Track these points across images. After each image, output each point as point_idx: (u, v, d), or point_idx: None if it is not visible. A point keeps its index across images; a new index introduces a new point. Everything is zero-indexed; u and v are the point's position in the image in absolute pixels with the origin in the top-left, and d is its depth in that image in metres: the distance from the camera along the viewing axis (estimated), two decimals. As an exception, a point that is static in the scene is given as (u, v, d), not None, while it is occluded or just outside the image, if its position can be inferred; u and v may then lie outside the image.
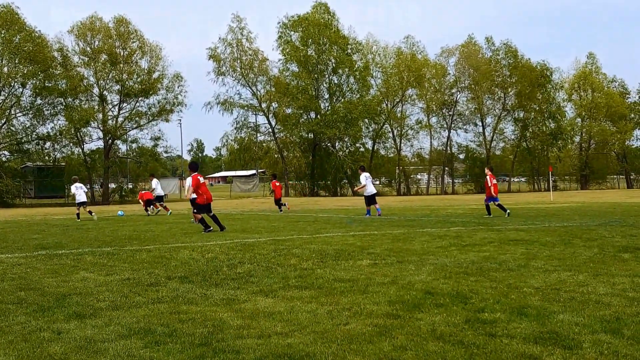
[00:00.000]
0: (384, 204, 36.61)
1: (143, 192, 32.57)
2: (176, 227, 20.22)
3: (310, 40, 64.14)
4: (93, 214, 27.27)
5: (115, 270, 10.22)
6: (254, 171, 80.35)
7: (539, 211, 25.99)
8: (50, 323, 6.50)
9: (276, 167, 69.21)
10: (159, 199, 30.47)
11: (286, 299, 7.58)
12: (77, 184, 27.87)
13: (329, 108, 66.54)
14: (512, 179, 78.28)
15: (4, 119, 53.88)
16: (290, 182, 67.48)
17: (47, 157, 58.17)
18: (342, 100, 67.02)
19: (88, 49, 58.32)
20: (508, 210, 22.22)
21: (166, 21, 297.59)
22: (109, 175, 60.16)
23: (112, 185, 60.96)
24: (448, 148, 73.06)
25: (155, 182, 30.53)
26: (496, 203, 22.56)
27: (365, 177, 24.93)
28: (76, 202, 27.44)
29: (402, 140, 70.78)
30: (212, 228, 17.75)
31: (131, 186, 60.31)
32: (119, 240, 15.60)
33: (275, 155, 68.70)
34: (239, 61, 64.26)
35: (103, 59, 58.26)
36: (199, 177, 18.59)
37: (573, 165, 78.80)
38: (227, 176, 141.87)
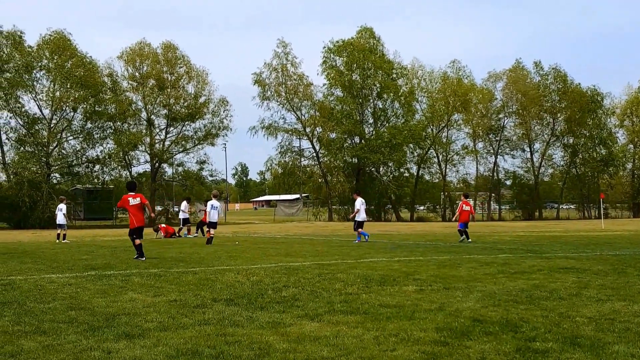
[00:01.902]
0: (429, 230, 36.34)
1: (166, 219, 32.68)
2: (221, 250, 20.34)
3: (355, 65, 64.36)
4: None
5: (163, 291, 10.31)
6: (297, 195, 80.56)
7: (589, 239, 25.47)
8: (100, 342, 6.58)
9: (320, 191, 69.32)
10: (185, 221, 30.61)
11: (332, 323, 7.55)
12: (61, 205, 28.48)
13: (373, 133, 66.50)
14: (561, 206, 76.93)
15: (56, 142, 55.10)
16: (334, 206, 67.43)
17: (96, 180, 59.14)
18: (387, 125, 66.93)
19: (137, 74, 59.53)
20: (470, 240, 23.64)
21: (212, 46, 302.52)
22: (155, 198, 60.95)
23: (159, 208, 61.73)
24: (494, 174, 72.26)
25: (184, 206, 30.69)
26: (461, 228, 23.98)
27: (360, 203, 25.12)
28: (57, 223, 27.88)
29: (448, 166, 70.33)
30: (144, 258, 16.58)
31: (177, 209, 60.99)
32: (166, 262, 15.75)
33: (319, 180, 68.82)
34: (283, 86, 64.81)
35: (151, 84, 59.37)
36: (129, 197, 17.25)
37: (625, 193, 76.94)
38: (271, 200, 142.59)
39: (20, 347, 6.39)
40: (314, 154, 67.85)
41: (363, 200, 25.62)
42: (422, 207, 72.52)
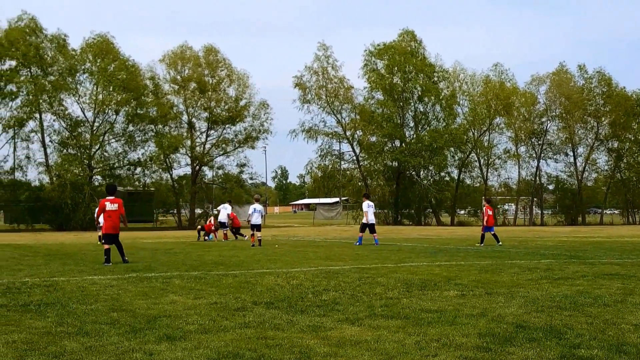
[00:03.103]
0: (470, 235, 35.97)
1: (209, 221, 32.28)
2: (261, 253, 20.39)
3: (396, 68, 64.16)
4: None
5: (203, 294, 10.34)
6: (337, 199, 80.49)
7: (634, 245, 24.92)
8: (142, 344, 6.61)
9: (360, 194, 69.11)
10: (222, 225, 30.53)
11: (372, 327, 7.49)
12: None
13: (414, 136, 66.18)
14: (604, 211, 75.50)
15: (98, 145, 55.99)
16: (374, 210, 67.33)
17: (137, 183, 59.92)
18: (428, 128, 66.55)
19: (178, 77, 60.18)
20: (482, 245, 23.87)
21: (253, 49, 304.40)
22: (195, 201, 61.52)
23: (199, 211, 62.25)
24: (537, 178, 71.25)
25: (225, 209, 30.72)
26: (492, 232, 24.38)
27: (367, 205, 25.32)
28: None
29: (489, 170, 69.60)
30: (110, 263, 16.04)
31: (217, 212, 61.54)
32: (206, 265, 15.83)
33: (359, 183, 68.70)
34: (324, 89, 64.89)
35: (192, 87, 59.96)
36: (106, 202, 16.63)
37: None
38: (310, 203, 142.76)
39: (64, 347, 6.46)
40: (354, 158, 67.79)
41: (371, 203, 25.97)
42: (462, 212, 71.84)
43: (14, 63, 53.60)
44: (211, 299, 9.79)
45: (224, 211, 30.76)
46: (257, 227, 24.86)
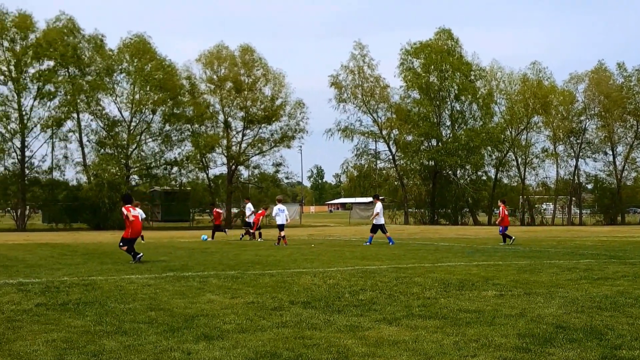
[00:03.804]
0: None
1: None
2: (297, 253, 20.39)
3: (432, 66, 63.75)
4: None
5: (240, 293, 10.35)
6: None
7: (676, 245, 24.39)
8: (180, 343, 6.62)
9: (396, 194, 68.92)
10: (249, 224, 30.39)
11: (410, 327, 7.43)
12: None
13: (451, 135, 65.72)
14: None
15: (135, 145, 56.59)
16: (410, 209, 66.93)
17: (173, 182, 60.43)
18: (464, 127, 66.03)
19: (214, 77, 60.57)
20: (504, 243, 24.57)
21: (289, 49, 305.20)
22: (231, 200, 61.83)
23: (234, 210, 62.57)
24: (575, 177, 70.18)
25: (249, 207, 30.55)
26: (503, 232, 25.27)
27: (381, 207, 25.89)
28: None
29: (527, 169, 68.74)
30: (142, 254, 16.80)
31: (249, 212, 61.73)
32: (242, 264, 15.86)
33: (395, 183, 68.46)
34: (360, 88, 64.74)
35: (228, 86, 60.27)
36: (130, 207, 17.46)
37: None
38: (346, 203, 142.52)
39: (103, 346, 6.49)
40: (390, 157, 67.54)
41: (381, 205, 26.49)
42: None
43: (52, 63, 54.47)
44: (248, 298, 9.79)
45: (249, 211, 30.68)
46: (281, 227, 25.98)
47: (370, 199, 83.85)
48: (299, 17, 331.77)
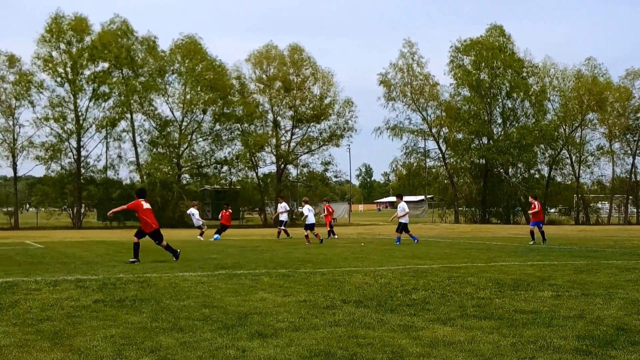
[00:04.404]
0: (562, 234, 34.96)
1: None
2: (348, 251, 20.37)
3: (483, 63, 62.89)
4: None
5: (292, 291, 10.38)
6: (422, 197, 79.74)
7: None
8: (235, 341, 6.66)
9: (445, 192, 68.29)
10: (282, 223, 29.97)
11: (465, 328, 7.33)
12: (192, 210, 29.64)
13: (502, 133, 64.77)
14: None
15: (186, 144, 57.30)
16: (460, 208, 66.26)
17: (223, 181, 60.97)
18: (516, 125, 64.98)
19: (264, 76, 60.91)
20: (534, 242, 24.25)
21: (337, 47, 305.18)
22: (283, 199, 62.00)
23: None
24: (632, 175, 68.46)
25: (282, 207, 30.26)
26: (533, 227, 24.91)
27: (404, 207, 25.82)
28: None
29: (581, 167, 67.30)
30: (139, 260, 16.16)
31: (300, 209, 61.87)
32: (293, 263, 15.90)
33: (445, 181, 67.85)
34: (409, 86, 64.28)
35: (277, 85, 60.54)
36: (143, 201, 17.10)
37: None
38: (395, 201, 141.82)
39: (159, 343, 6.57)
40: (440, 155, 66.93)
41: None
42: (553, 210, 69.80)
43: (106, 65, 55.59)
44: (300, 296, 9.80)
45: (282, 209, 30.16)
46: (311, 227, 26.20)
47: (420, 197, 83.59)
48: (346, 15, 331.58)
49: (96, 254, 19.38)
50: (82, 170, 56.02)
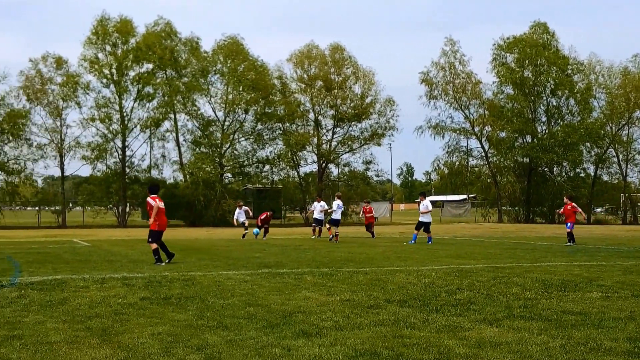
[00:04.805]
0: (609, 234, 34.31)
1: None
2: (390, 250, 20.28)
3: (526, 61, 62.03)
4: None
5: (335, 290, 10.36)
6: (464, 196, 78.99)
7: None
8: (280, 339, 6.68)
9: (488, 192, 67.53)
10: (319, 222, 29.26)
11: (512, 329, 7.24)
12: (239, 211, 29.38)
13: (546, 131, 63.80)
14: None
15: (228, 144, 57.72)
16: (504, 207, 65.48)
17: (265, 180, 61.25)
18: (561, 123, 63.91)
19: (305, 76, 61.01)
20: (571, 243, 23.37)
21: (378, 46, 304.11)
22: (322, 198, 62.00)
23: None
24: (684, 174, 66.77)
25: (321, 206, 29.50)
26: (568, 228, 23.86)
27: (427, 205, 25.97)
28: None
29: (629, 166, 65.90)
30: (163, 261, 15.57)
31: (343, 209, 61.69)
32: (335, 262, 15.89)
33: (488, 180, 67.10)
34: (451, 84, 63.74)
35: (319, 85, 60.58)
36: (157, 199, 16.12)
37: None
38: (437, 200, 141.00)
39: (205, 340, 6.62)
40: (483, 154, 66.22)
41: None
42: (599, 209, 68.51)
43: (151, 66, 56.35)
44: (343, 295, 9.78)
45: (319, 207, 29.62)
46: (337, 223, 26.47)
47: (463, 197, 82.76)
48: (387, 13, 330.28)
49: (141, 252, 19.65)
50: (127, 170, 56.87)
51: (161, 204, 16.09)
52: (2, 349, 6.29)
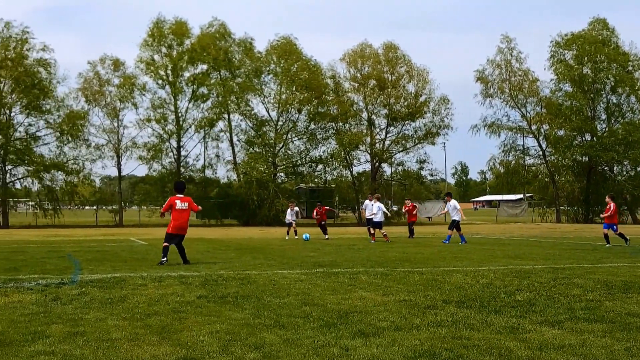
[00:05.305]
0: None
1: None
2: (446, 250, 20.05)
3: (585, 58, 60.66)
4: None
5: (391, 290, 10.28)
6: (521, 195, 77.69)
7: None
8: (337, 339, 6.64)
9: (546, 191, 66.25)
10: (375, 223, 28.45)
11: (575, 331, 7.05)
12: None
13: (606, 130, 62.28)
14: None
15: (282, 143, 58.00)
16: (562, 207, 64.19)
17: (318, 179, 61.33)
18: (622, 121, 62.28)
19: (358, 75, 60.88)
20: (609, 245, 21.84)
21: (432, 44, 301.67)
22: (374, 197, 61.77)
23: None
24: None
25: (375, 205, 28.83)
26: (614, 231, 22.43)
27: (455, 205, 25.66)
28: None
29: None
30: (166, 260, 15.07)
31: (395, 208, 61.44)
32: (390, 262, 15.78)
33: (546, 179, 65.83)
34: (507, 82, 62.75)
35: (372, 84, 60.40)
36: (176, 199, 15.52)
37: None
38: (492, 200, 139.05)
39: (263, 339, 6.63)
40: (540, 153, 64.98)
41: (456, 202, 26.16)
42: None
43: (205, 67, 57.07)
44: (400, 296, 9.69)
45: (375, 208, 28.91)
46: (379, 225, 25.98)
47: (519, 196, 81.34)
48: (441, 10, 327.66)
49: (196, 251, 19.85)
50: (182, 170, 57.69)
51: (183, 205, 15.49)
52: (65, 345, 6.41)
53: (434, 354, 5.99)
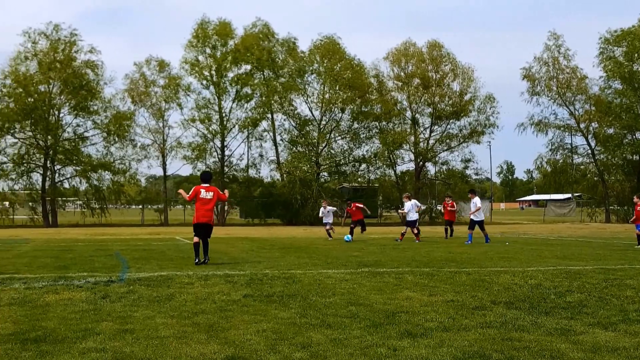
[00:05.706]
0: None
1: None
2: (492, 251, 19.78)
3: (635, 55, 59.28)
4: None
5: (438, 291, 10.17)
6: (569, 195, 76.37)
7: None
8: (385, 339, 6.57)
9: (595, 190, 64.95)
10: (410, 223, 26.56)
11: (629, 334, 6.87)
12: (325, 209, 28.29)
13: (657, 128, 60.81)
14: None
15: (325, 143, 58.00)
16: (612, 207, 62.88)
17: (361, 179, 61.21)
18: (677, 118, 60.76)
19: (402, 74, 60.47)
20: None
21: (478, 42, 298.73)
22: (419, 197, 61.47)
23: (422, 207, 62.06)
24: None
25: (411, 205, 26.72)
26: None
27: (477, 203, 25.41)
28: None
29: None
30: (199, 260, 14.93)
31: (440, 208, 60.96)
32: (436, 262, 15.63)
33: (594, 179, 64.55)
34: (554, 80, 61.66)
35: (416, 83, 59.93)
36: (201, 189, 15.45)
37: None
38: (539, 200, 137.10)
39: (310, 339, 6.60)
40: (589, 151, 63.72)
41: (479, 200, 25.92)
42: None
43: (249, 67, 57.43)
44: (447, 296, 9.58)
45: (415, 208, 28.12)
46: (413, 224, 25.81)
47: (567, 195, 79.98)
48: (488, 7, 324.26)
49: (241, 250, 19.97)
50: (226, 169, 58.13)
51: (207, 194, 15.44)
52: (115, 342, 6.47)
53: (483, 356, 5.89)
